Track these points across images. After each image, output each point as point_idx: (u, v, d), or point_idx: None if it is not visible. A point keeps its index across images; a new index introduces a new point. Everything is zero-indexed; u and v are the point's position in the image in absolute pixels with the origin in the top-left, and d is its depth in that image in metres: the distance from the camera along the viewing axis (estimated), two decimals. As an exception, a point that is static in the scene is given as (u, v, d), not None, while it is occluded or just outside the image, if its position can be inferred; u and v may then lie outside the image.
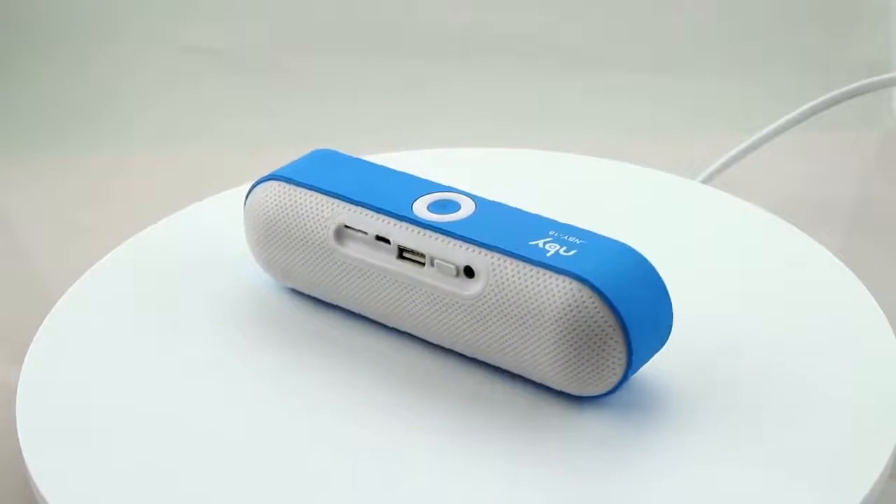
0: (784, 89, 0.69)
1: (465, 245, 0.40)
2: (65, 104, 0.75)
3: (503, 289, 0.39)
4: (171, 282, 0.47)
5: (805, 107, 0.58)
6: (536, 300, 0.39)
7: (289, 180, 0.44)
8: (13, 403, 0.41)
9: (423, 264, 0.41)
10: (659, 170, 0.54)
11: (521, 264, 0.39)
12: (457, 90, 0.75)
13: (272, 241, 0.44)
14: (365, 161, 0.45)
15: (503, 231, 0.41)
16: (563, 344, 0.39)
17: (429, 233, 0.41)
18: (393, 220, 0.42)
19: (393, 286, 0.42)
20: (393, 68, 0.76)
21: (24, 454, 0.39)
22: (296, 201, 0.44)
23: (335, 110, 0.74)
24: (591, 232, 0.40)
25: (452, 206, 0.42)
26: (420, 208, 0.42)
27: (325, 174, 0.44)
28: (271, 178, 0.45)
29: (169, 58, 0.78)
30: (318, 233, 0.43)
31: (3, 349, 0.51)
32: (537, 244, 0.40)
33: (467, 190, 0.43)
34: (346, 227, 0.42)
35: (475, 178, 0.48)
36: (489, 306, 0.40)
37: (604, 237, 0.40)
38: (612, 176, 0.54)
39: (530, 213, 0.42)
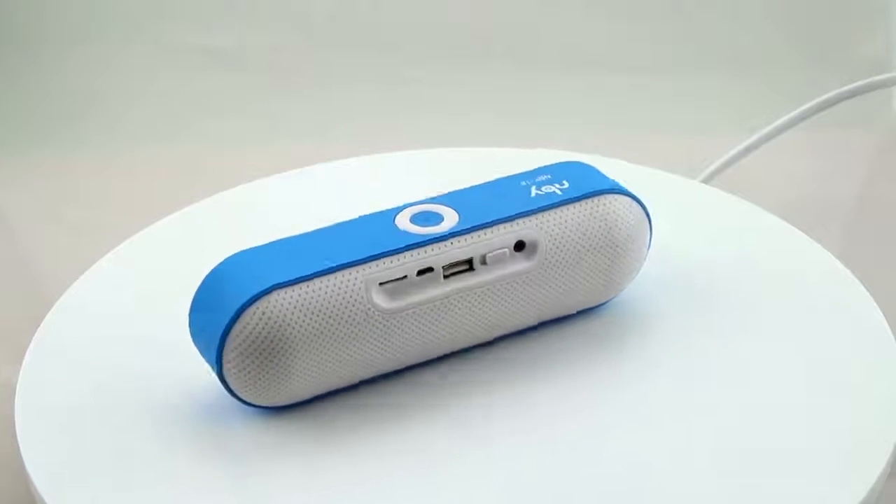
0: (785, 89, 0.68)
1: (501, 227, 0.41)
2: (65, 104, 0.75)
3: (560, 240, 0.41)
4: (172, 282, 0.47)
5: (805, 106, 0.58)
6: (596, 230, 0.42)
7: (280, 285, 0.38)
8: (12, 403, 0.41)
9: (473, 268, 0.41)
10: (659, 170, 0.54)
11: (557, 212, 0.41)
12: (456, 90, 0.75)
13: (298, 358, 0.38)
14: (290, 236, 0.41)
15: (503, 202, 0.41)
16: (626, 252, 0.43)
17: (462, 237, 0.40)
18: (421, 249, 0.40)
19: (448, 308, 0.40)
20: (392, 68, 0.76)
21: (23, 454, 0.39)
22: (311, 299, 0.38)
23: (333, 110, 0.74)
24: (535, 169, 0.43)
25: (434, 217, 0.41)
26: (415, 230, 0.40)
27: (291, 263, 0.39)
28: (257, 298, 0.38)
29: (168, 57, 0.78)
30: (359, 309, 0.39)
31: (3, 349, 0.51)
32: (539, 193, 0.42)
33: (454, 189, 0.43)
34: (383, 283, 0.39)
35: (475, 177, 0.48)
36: (552, 263, 0.41)
37: (550, 165, 0.43)
38: (612, 176, 0.54)
39: (487, 182, 0.43)
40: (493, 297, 0.41)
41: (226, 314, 0.38)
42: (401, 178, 0.53)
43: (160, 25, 0.79)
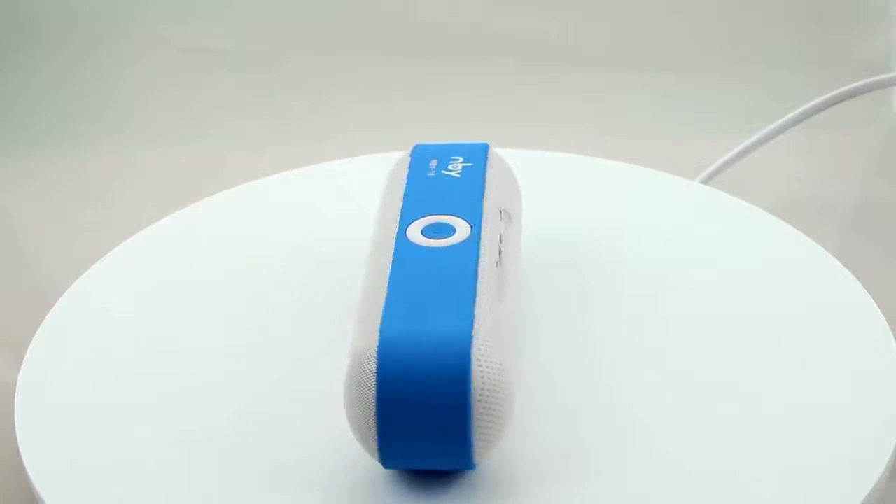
0: (784, 89, 0.68)
1: (489, 207, 0.42)
2: (65, 103, 0.75)
3: (509, 201, 0.44)
4: (171, 282, 0.47)
5: (805, 107, 0.58)
6: (509, 180, 0.46)
7: (467, 334, 0.35)
8: (12, 403, 0.41)
9: (500, 250, 0.42)
10: (659, 170, 0.54)
11: (491, 180, 0.44)
12: (457, 90, 0.75)
13: (515, 393, 0.36)
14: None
15: (459, 190, 0.43)
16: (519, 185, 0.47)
17: (487, 227, 0.41)
18: (487, 248, 0.40)
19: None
20: (393, 68, 0.76)
21: (23, 454, 0.39)
22: (486, 330, 0.36)
23: (335, 110, 0.74)
24: (416, 163, 0.45)
25: (445, 228, 0.41)
26: (446, 241, 0.40)
27: (433, 310, 0.36)
28: (467, 361, 0.34)
29: (169, 57, 0.78)
30: (502, 318, 0.38)
31: (3, 349, 0.51)
32: (463, 173, 0.44)
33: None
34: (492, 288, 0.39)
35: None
36: (516, 221, 0.45)
37: (416, 156, 0.45)
38: (612, 176, 0.54)
39: (409, 186, 0.44)
40: (515, 268, 0.42)
41: (456, 401, 0.34)
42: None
43: (160, 26, 0.79)
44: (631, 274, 0.47)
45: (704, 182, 0.57)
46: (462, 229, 0.41)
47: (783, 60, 0.76)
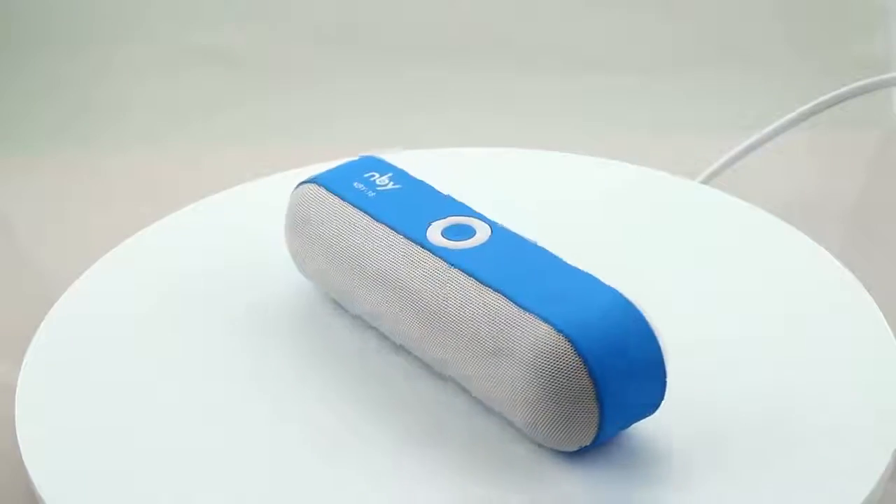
0: (784, 89, 0.68)
1: (473, 205, 0.43)
2: (64, 103, 0.75)
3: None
4: (171, 281, 0.47)
5: (805, 107, 0.58)
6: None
7: (625, 298, 0.39)
8: (12, 403, 0.41)
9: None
10: (659, 170, 0.54)
11: (423, 177, 0.44)
12: (456, 90, 0.75)
13: None
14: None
15: (428, 195, 0.43)
16: None
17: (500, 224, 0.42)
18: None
19: None
20: (392, 68, 0.76)
21: (23, 454, 0.39)
22: None
23: (334, 110, 0.74)
24: (352, 182, 0.44)
25: (467, 230, 0.41)
26: (464, 242, 0.41)
27: (581, 285, 0.39)
28: (644, 319, 0.38)
29: (169, 57, 0.78)
30: None
31: (3, 349, 0.51)
32: (382, 181, 0.44)
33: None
34: None
35: (474, 178, 0.48)
36: None
37: (343, 177, 0.44)
38: (612, 176, 0.54)
39: (378, 198, 0.43)
40: None
41: (656, 356, 0.37)
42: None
43: (159, 25, 0.79)
44: (631, 273, 0.47)
45: (704, 182, 0.57)
46: (480, 227, 0.41)
47: (783, 60, 0.76)
